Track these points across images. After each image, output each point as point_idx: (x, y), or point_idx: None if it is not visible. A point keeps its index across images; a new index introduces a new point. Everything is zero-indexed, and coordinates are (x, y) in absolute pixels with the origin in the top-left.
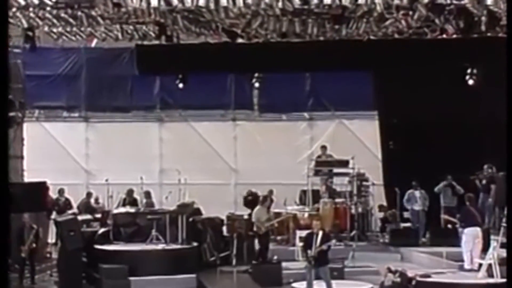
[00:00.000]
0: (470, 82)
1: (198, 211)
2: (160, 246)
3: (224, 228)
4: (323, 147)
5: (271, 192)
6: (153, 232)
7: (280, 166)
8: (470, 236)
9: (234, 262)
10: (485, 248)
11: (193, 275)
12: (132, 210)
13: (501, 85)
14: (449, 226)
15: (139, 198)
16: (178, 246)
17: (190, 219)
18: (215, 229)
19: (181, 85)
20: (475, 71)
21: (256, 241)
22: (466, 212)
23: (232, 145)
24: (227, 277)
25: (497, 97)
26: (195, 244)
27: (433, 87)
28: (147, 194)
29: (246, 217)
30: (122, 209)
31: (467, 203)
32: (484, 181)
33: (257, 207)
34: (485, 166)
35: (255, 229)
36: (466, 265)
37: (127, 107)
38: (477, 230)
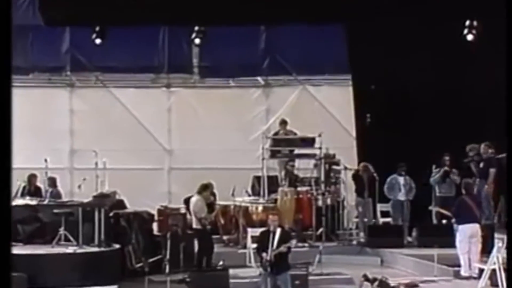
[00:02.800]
0: (469, 37)
1: (121, 204)
2: (70, 249)
3: (155, 226)
4: (283, 122)
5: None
6: (61, 231)
7: (227, 145)
8: (466, 234)
9: (167, 269)
10: (487, 249)
11: (114, 286)
12: (34, 202)
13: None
14: (444, 221)
15: (43, 186)
16: (94, 249)
17: (111, 214)
18: (143, 227)
19: (98, 41)
20: (475, 23)
21: (196, 241)
22: (460, 204)
23: (165, 119)
24: None
25: (503, 57)
26: (116, 246)
27: (422, 44)
28: (52, 182)
29: (182, 211)
30: (20, 201)
31: (463, 191)
32: (481, 164)
33: (194, 197)
34: (482, 145)
35: (194, 225)
36: (463, 271)
37: (26, 67)
38: (475, 227)
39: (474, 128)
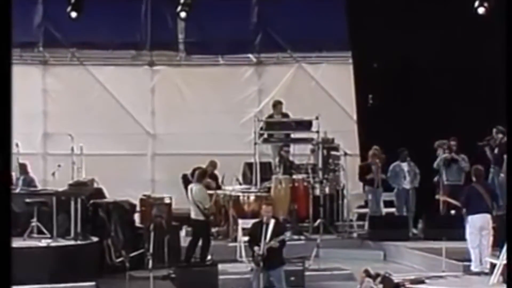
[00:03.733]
0: (480, 11)
1: (99, 193)
2: (43, 242)
3: (137, 217)
4: (276, 103)
5: (213, 165)
6: (34, 222)
7: (215, 129)
8: (476, 226)
9: (150, 264)
10: (500, 243)
11: (91, 284)
12: None
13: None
14: (452, 212)
15: (14, 174)
16: (70, 242)
17: (88, 204)
18: (124, 218)
19: (74, 14)
20: None
21: (193, 234)
22: (470, 193)
23: (148, 100)
24: (139, 286)
25: None
26: (94, 239)
27: (429, 18)
28: (23, 168)
29: (167, 200)
30: None
31: (473, 179)
32: (496, 150)
33: (195, 186)
34: (494, 130)
35: (193, 216)
36: (474, 267)
37: None
38: (486, 218)
39: (486, 110)
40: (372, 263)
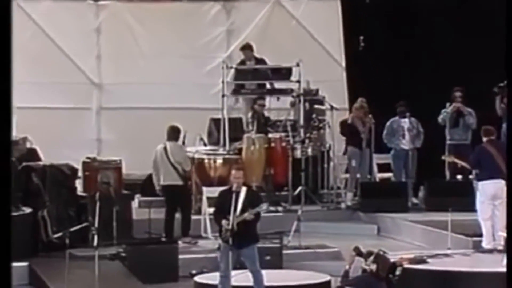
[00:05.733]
0: None
1: (33, 154)
2: None
3: (79, 184)
4: (246, 47)
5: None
6: None
7: (175, 78)
8: (487, 194)
9: (95, 241)
10: None
11: (23, 264)
12: None
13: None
14: (459, 177)
15: None
16: None
17: (19, 168)
18: (63, 185)
19: None
20: None
21: (169, 203)
22: (480, 154)
23: (92, 43)
24: (82, 267)
25: None
26: (27, 210)
27: None
28: None
29: (117, 165)
30: None
31: (483, 139)
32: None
33: (171, 144)
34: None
35: (165, 181)
36: (485, 243)
37: None
38: (499, 184)
39: (496, 54)
40: (364, 239)
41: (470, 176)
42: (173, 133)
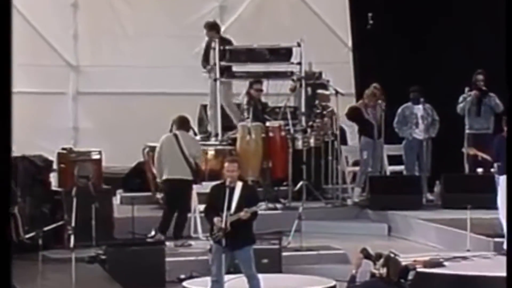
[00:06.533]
0: None
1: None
2: None
3: (54, 178)
4: (210, 27)
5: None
6: None
7: (161, 61)
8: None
9: (72, 242)
10: None
11: None
12: None
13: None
14: (479, 170)
15: None
16: None
17: None
18: (36, 180)
19: None
20: None
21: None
22: (501, 145)
23: (68, 20)
24: (57, 271)
25: None
26: None
27: None
28: None
29: (95, 156)
30: None
31: (504, 127)
32: None
33: (184, 134)
34: None
35: (175, 175)
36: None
37: None
38: None
39: None
40: (373, 239)
41: (492, 170)
42: (184, 123)
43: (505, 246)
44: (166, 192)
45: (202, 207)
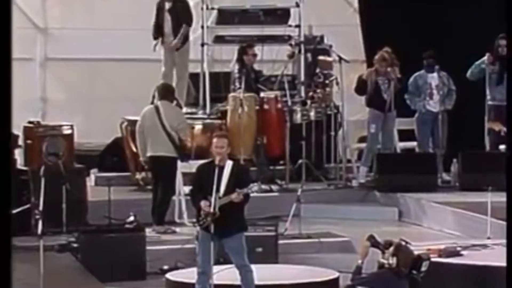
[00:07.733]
0: None
1: None
2: None
3: (19, 155)
4: None
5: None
6: None
7: (140, 22)
8: None
9: (39, 228)
10: None
11: None
12: None
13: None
14: (502, 147)
15: None
16: None
17: None
18: None
19: None
20: None
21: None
22: None
23: None
24: (23, 261)
25: None
26: None
27: None
28: None
29: (67, 130)
30: None
31: None
32: None
33: (166, 104)
34: None
35: (158, 152)
36: None
37: None
38: None
39: None
40: (381, 225)
41: None
42: (167, 93)
43: None
44: (152, 171)
45: (187, 188)
